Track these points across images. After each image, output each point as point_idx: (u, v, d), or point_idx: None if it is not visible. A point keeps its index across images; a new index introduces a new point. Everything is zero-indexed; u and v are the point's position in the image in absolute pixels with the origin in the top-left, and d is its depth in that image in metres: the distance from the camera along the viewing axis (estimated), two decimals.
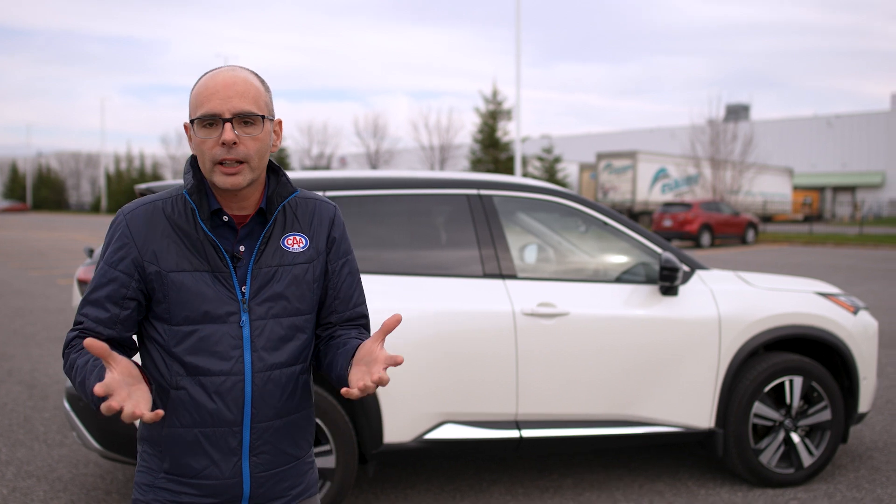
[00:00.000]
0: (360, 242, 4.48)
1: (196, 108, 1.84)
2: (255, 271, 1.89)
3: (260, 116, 1.85)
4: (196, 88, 1.87)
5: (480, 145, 49.79)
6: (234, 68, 1.89)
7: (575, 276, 4.99)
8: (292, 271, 1.93)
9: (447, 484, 4.90)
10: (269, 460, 1.94)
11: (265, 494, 1.94)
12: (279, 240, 1.94)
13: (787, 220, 51.69)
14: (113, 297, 1.86)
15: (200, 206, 1.87)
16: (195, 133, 1.85)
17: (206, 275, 1.87)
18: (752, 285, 4.93)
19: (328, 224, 2.02)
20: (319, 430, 4.15)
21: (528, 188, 4.80)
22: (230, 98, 1.82)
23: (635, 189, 39.72)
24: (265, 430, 1.91)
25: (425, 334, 4.24)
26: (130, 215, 1.90)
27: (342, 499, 4.20)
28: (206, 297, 1.86)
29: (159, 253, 1.86)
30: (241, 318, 1.87)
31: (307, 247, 1.97)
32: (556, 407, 4.46)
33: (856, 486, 4.86)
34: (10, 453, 5.49)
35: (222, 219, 1.90)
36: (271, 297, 1.90)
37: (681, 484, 4.90)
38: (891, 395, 7.05)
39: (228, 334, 1.86)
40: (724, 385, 4.67)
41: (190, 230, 1.88)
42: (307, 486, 2.05)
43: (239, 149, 1.82)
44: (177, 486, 1.90)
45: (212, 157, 1.82)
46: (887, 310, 12.14)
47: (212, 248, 1.88)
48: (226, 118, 1.81)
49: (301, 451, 2.02)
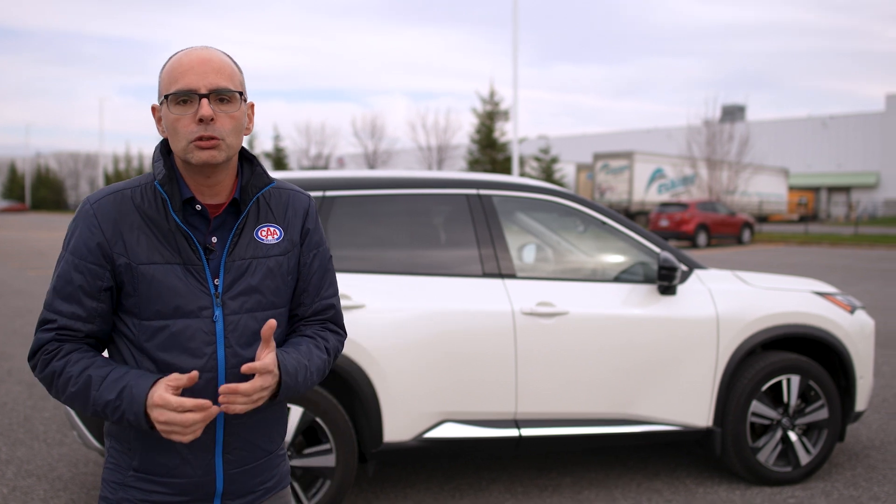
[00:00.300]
0: (360, 242, 4.48)
1: (169, 85, 1.77)
2: (228, 264, 1.82)
3: (237, 93, 1.80)
4: (168, 66, 1.80)
5: (478, 146, 49.75)
6: (206, 47, 1.83)
7: (574, 275, 4.99)
8: (266, 264, 1.87)
9: (447, 483, 4.90)
10: (243, 456, 1.88)
11: (237, 490, 1.89)
12: (253, 231, 1.87)
13: (783, 221, 51.75)
14: (88, 289, 1.78)
15: (172, 196, 1.79)
16: (169, 111, 1.77)
17: (178, 267, 1.79)
18: (749, 285, 4.93)
19: (302, 215, 1.96)
20: (319, 428, 4.14)
21: (527, 188, 4.80)
22: (207, 74, 1.76)
23: (632, 189, 39.71)
24: (239, 426, 1.86)
25: (425, 334, 4.24)
26: (98, 204, 1.81)
27: (342, 497, 4.20)
28: (177, 290, 1.78)
29: (129, 244, 1.78)
30: (213, 312, 1.80)
31: (281, 238, 1.91)
32: (555, 406, 4.45)
33: (853, 485, 4.86)
34: (11, 452, 5.48)
35: (195, 208, 1.82)
36: (245, 291, 1.84)
37: (679, 482, 4.90)
38: (887, 394, 7.05)
39: (201, 329, 1.79)
40: (722, 384, 4.67)
41: (161, 221, 1.80)
42: (279, 479, 2.00)
43: (216, 126, 1.75)
44: (147, 484, 1.83)
45: (187, 135, 1.75)
46: (883, 309, 12.15)
47: (184, 240, 1.80)
48: (202, 94, 1.75)
49: (274, 446, 1.96)
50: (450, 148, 57.59)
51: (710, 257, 23.65)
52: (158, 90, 1.82)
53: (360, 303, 4.19)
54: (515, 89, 31.01)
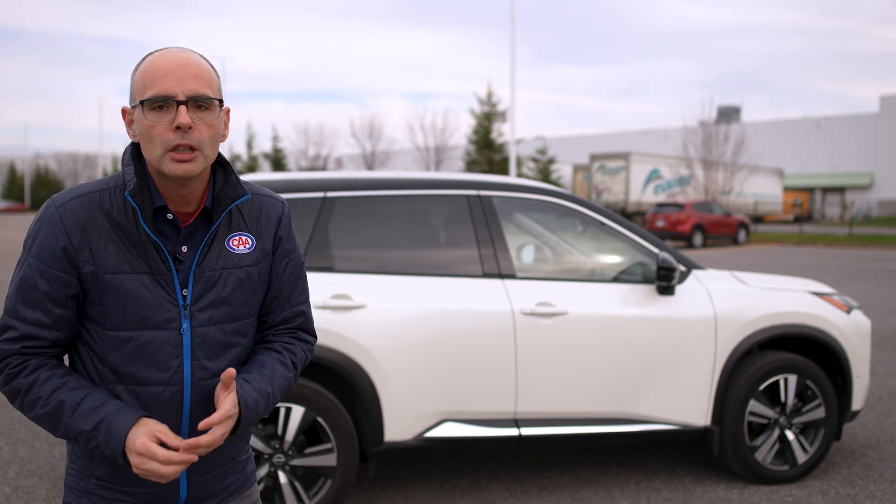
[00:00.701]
0: (361, 242, 4.48)
1: (145, 89, 1.67)
2: (197, 275, 1.75)
3: (216, 101, 1.72)
4: (143, 68, 1.71)
5: (475, 146, 49.73)
6: (183, 49, 1.74)
7: (573, 275, 4.99)
8: (237, 274, 1.80)
9: (447, 482, 4.90)
10: (207, 465, 1.83)
11: (201, 496, 1.85)
12: (224, 240, 1.80)
13: (778, 221, 51.78)
14: (54, 296, 1.69)
15: (143, 205, 1.70)
16: (144, 117, 1.67)
17: (146, 277, 1.71)
18: (747, 285, 4.94)
19: (276, 222, 1.89)
20: (321, 428, 4.14)
21: (526, 189, 4.80)
22: (185, 79, 1.67)
23: (628, 190, 39.75)
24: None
25: (425, 333, 4.24)
26: (64, 208, 1.71)
27: (343, 497, 4.20)
28: (144, 301, 1.71)
29: (96, 252, 1.70)
30: (181, 325, 1.74)
31: (253, 248, 1.84)
32: (554, 405, 4.46)
33: (849, 483, 4.87)
34: (13, 452, 5.47)
35: (166, 216, 1.74)
36: (214, 303, 1.77)
37: (677, 481, 4.90)
38: (882, 394, 7.06)
39: (168, 342, 1.73)
40: (720, 383, 4.68)
41: (130, 228, 1.72)
42: (244, 479, 1.96)
43: (193, 134, 1.67)
44: (110, 492, 1.78)
45: (163, 143, 1.66)
46: (877, 309, 12.17)
47: (153, 250, 1.72)
48: (180, 100, 1.66)
49: (238, 451, 1.92)
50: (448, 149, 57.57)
51: (705, 257, 23.67)
52: (131, 93, 1.73)
53: (361, 303, 4.19)
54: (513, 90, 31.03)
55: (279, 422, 4.10)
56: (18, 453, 5.44)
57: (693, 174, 40.95)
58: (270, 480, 4.09)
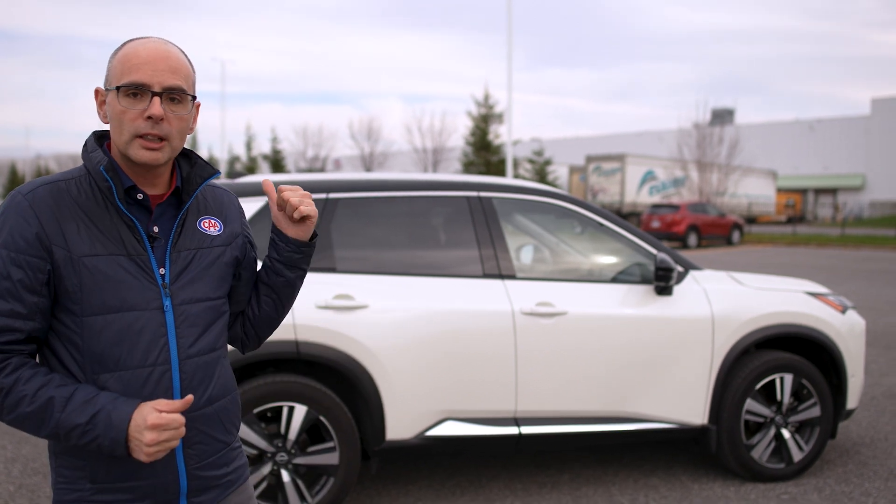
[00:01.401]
0: (363, 243, 4.48)
1: (122, 75, 1.68)
2: (173, 255, 1.76)
3: (190, 96, 1.74)
4: (122, 54, 1.71)
5: (473, 148, 49.72)
6: (163, 41, 1.75)
7: (572, 276, 4.98)
8: (211, 254, 1.84)
9: (448, 480, 4.90)
10: (203, 450, 1.82)
11: (201, 486, 1.82)
12: (195, 222, 1.83)
13: (771, 222, 51.83)
14: (28, 283, 1.64)
15: (116, 184, 1.69)
16: (118, 101, 1.68)
17: (123, 258, 1.69)
18: (744, 285, 4.94)
19: (237, 212, 1.97)
20: (323, 427, 4.14)
21: (525, 190, 4.80)
22: (162, 71, 1.68)
23: (624, 191, 39.77)
24: (197, 419, 1.79)
25: (427, 333, 4.24)
26: (32, 195, 1.68)
27: (345, 495, 4.20)
28: (123, 282, 1.69)
29: (69, 236, 1.66)
30: (163, 303, 1.72)
31: (222, 230, 1.88)
32: (554, 404, 4.46)
33: (844, 481, 4.88)
34: (16, 450, 5.46)
35: (136, 197, 1.74)
36: (192, 280, 1.78)
37: (675, 479, 4.91)
38: (875, 392, 7.07)
39: (151, 321, 1.71)
40: (717, 382, 4.68)
41: (101, 212, 1.71)
42: (239, 472, 1.95)
43: (164, 125, 1.68)
44: (108, 494, 1.73)
45: (133, 130, 1.67)
46: (869, 309, 12.19)
47: (127, 230, 1.71)
48: (155, 91, 1.67)
49: (230, 437, 1.91)
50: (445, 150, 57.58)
51: (700, 258, 23.69)
52: (107, 76, 1.73)
53: (363, 303, 4.18)
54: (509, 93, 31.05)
55: (282, 420, 4.10)
56: (22, 452, 5.43)
57: (687, 175, 40.99)
58: (273, 479, 4.09)
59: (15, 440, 5.67)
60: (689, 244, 29.66)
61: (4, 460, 5.25)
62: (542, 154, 48.26)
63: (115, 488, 1.74)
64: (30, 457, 5.32)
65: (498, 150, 48.53)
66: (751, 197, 45.45)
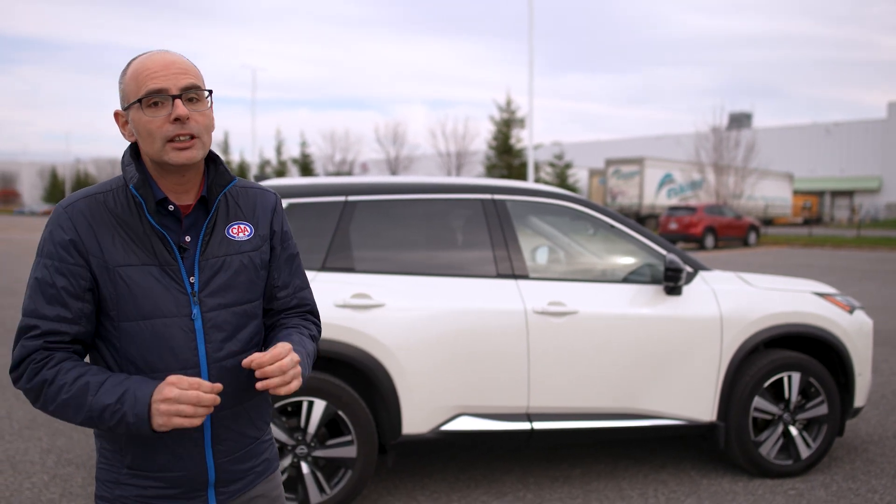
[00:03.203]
0: (380, 244, 4.51)
1: (138, 89, 1.72)
2: (202, 262, 1.79)
3: (206, 91, 1.78)
4: (132, 71, 1.74)
5: (495, 152, 49.75)
6: (164, 50, 1.79)
7: (584, 276, 4.98)
8: (239, 260, 1.84)
9: (462, 473, 4.92)
10: (232, 446, 1.86)
11: (228, 478, 1.87)
12: (224, 229, 1.84)
13: (788, 224, 51.36)
14: (72, 290, 1.71)
15: (147, 198, 1.74)
16: (143, 114, 1.72)
17: (155, 269, 1.75)
18: (752, 285, 4.92)
19: (270, 212, 1.94)
20: (342, 421, 4.17)
21: (538, 193, 4.81)
22: (175, 74, 1.72)
23: (642, 193, 39.57)
24: (226, 417, 1.83)
25: (442, 331, 4.26)
26: (71, 208, 1.75)
27: (363, 487, 4.23)
28: (155, 291, 1.74)
29: (104, 246, 1.73)
30: (192, 311, 1.77)
31: (252, 234, 1.88)
32: (565, 401, 4.46)
33: (851, 477, 4.84)
34: (51, 442, 5.55)
35: (168, 208, 1.78)
36: (221, 288, 1.81)
37: (684, 474, 4.89)
38: (885, 391, 7.00)
39: (180, 328, 1.75)
40: (725, 380, 4.66)
41: (135, 223, 1.76)
42: (268, 463, 1.98)
43: (190, 124, 1.72)
44: (141, 479, 1.80)
45: (163, 136, 1.71)
46: (882, 309, 12.06)
47: (159, 241, 1.76)
48: (174, 94, 1.71)
49: (260, 432, 1.94)
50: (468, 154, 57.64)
51: (716, 258, 23.53)
52: (124, 96, 1.77)
53: (380, 302, 4.21)
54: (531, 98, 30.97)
55: (302, 415, 4.13)
56: (57, 443, 5.51)
57: (705, 178, 40.68)
58: (294, 471, 4.13)
59: (50, 432, 5.75)
60: (706, 245, 29.46)
61: (40, 451, 5.33)
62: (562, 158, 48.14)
63: (148, 475, 1.79)
64: (64, 448, 5.40)
65: (519, 154, 48.52)
66: (767, 199, 45.04)
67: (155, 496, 1.81)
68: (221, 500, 1.87)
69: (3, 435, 5.70)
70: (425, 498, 4.52)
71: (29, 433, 5.74)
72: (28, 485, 4.71)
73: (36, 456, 5.24)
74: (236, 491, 1.90)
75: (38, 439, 5.60)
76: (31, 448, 5.40)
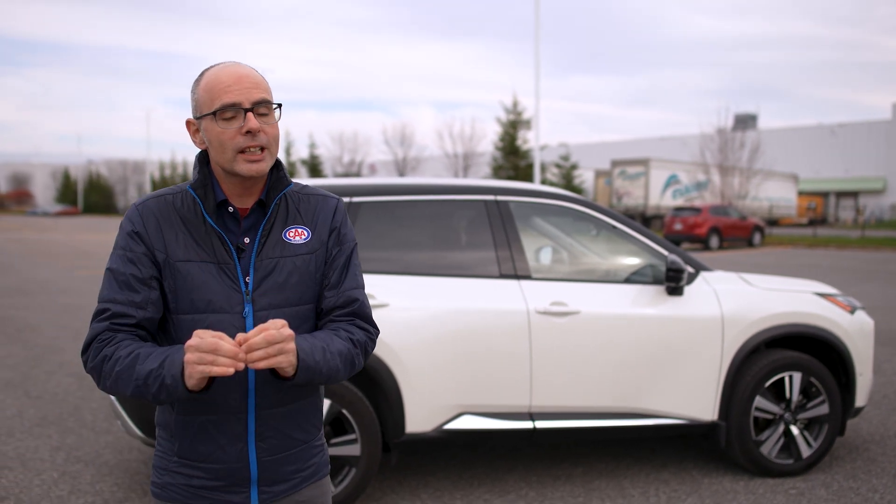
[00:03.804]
0: (384, 245, 4.51)
1: (213, 101, 1.79)
2: (257, 263, 1.84)
3: (276, 105, 1.85)
4: (205, 83, 1.82)
5: (502, 153, 49.75)
6: (235, 63, 1.86)
7: (586, 276, 4.98)
8: (294, 262, 1.88)
9: (465, 471, 4.92)
10: (276, 445, 1.88)
11: (272, 477, 1.89)
12: (281, 232, 1.89)
13: (793, 224, 51.22)
14: (140, 276, 1.81)
15: (206, 199, 1.84)
16: (216, 125, 1.79)
17: (212, 266, 1.82)
18: (753, 286, 4.91)
19: (331, 215, 1.97)
20: (346, 419, 4.18)
21: (539, 194, 4.81)
22: (248, 89, 1.79)
23: (648, 194, 39.55)
24: (270, 416, 1.86)
25: (445, 331, 4.27)
26: (143, 206, 1.86)
27: (366, 484, 4.24)
28: (211, 287, 1.81)
29: (168, 242, 1.82)
30: (244, 308, 1.82)
31: (309, 238, 1.91)
32: (567, 400, 4.46)
33: (852, 477, 4.82)
34: (61, 440, 5.57)
35: (228, 210, 1.86)
36: (273, 288, 1.85)
37: (686, 473, 4.88)
38: (888, 391, 6.98)
39: (232, 325, 1.80)
40: (726, 380, 4.66)
41: (197, 223, 1.85)
42: (316, 469, 1.98)
43: (261, 136, 1.79)
44: (188, 469, 1.87)
45: (235, 147, 1.78)
46: (886, 309, 12.01)
47: (218, 241, 1.84)
48: (246, 108, 1.78)
49: (308, 436, 1.95)
50: (475, 155, 57.61)
51: (721, 259, 23.48)
52: (197, 106, 1.84)
53: (384, 302, 4.22)
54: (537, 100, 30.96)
55: None
56: (66, 441, 5.54)
57: (710, 179, 40.62)
58: None
59: (60, 430, 5.78)
60: (710, 246, 29.40)
61: (50, 448, 5.36)
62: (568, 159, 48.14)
63: (194, 466, 1.86)
64: (73, 446, 5.42)
65: (526, 155, 48.49)
66: (772, 200, 44.96)
67: (200, 486, 1.86)
68: (264, 499, 1.89)
69: (13, 433, 5.73)
70: (428, 496, 4.53)
71: (39, 431, 5.77)
72: (38, 482, 4.74)
73: (46, 453, 5.26)
74: (280, 492, 1.91)
75: (49, 437, 5.62)
76: (42, 446, 5.43)
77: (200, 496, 1.87)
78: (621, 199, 40.45)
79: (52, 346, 9.12)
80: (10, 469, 4.95)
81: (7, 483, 4.71)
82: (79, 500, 4.47)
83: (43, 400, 6.65)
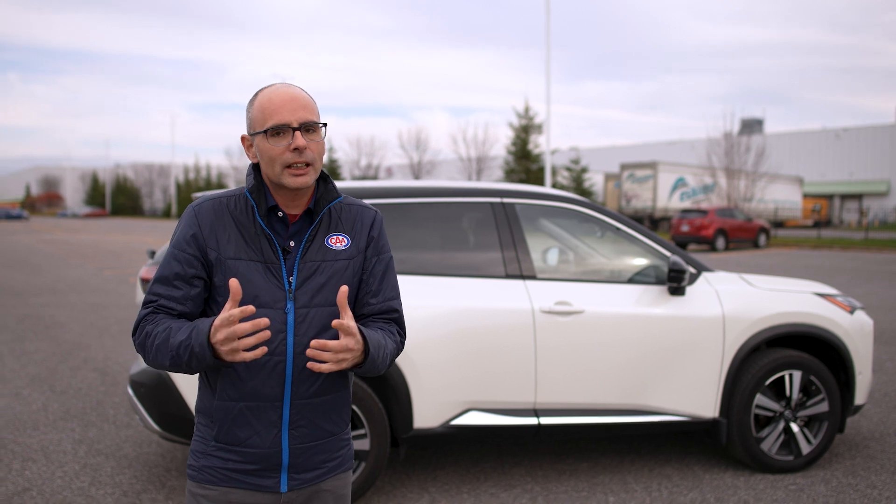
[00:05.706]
0: (397, 245, 4.50)
1: (265, 121, 1.90)
2: (301, 265, 1.93)
3: (322, 124, 1.95)
4: (259, 104, 1.93)
5: (514, 157, 49.67)
6: (287, 84, 1.96)
7: (590, 276, 4.96)
8: (334, 266, 1.97)
9: (472, 466, 4.90)
10: (307, 434, 1.96)
11: (302, 465, 1.97)
12: (324, 238, 1.98)
13: (798, 226, 50.86)
14: (182, 275, 1.92)
15: (259, 203, 1.94)
16: (266, 142, 1.90)
17: (259, 265, 1.92)
18: (754, 286, 4.87)
19: (369, 226, 2.06)
20: (355, 415, 4.17)
21: (544, 196, 4.79)
22: (297, 110, 1.89)
23: (656, 197, 39.37)
24: (303, 406, 1.94)
25: (452, 329, 4.25)
26: (199, 207, 1.98)
27: (375, 478, 4.23)
28: (257, 284, 1.90)
29: (220, 241, 1.93)
30: (286, 305, 1.91)
31: (349, 245, 2.00)
32: (571, 396, 4.44)
33: (851, 473, 4.77)
34: (83, 433, 5.59)
35: (277, 215, 1.96)
36: (314, 289, 1.93)
37: (688, 469, 4.85)
38: (888, 389, 6.90)
39: (275, 319, 1.89)
40: (727, 378, 4.62)
41: (248, 225, 1.95)
42: (341, 461, 2.06)
43: (307, 153, 1.89)
44: (225, 452, 1.95)
45: (283, 162, 1.89)
46: (889, 309, 11.89)
47: (266, 242, 1.93)
48: (295, 127, 1.89)
49: (337, 428, 2.03)
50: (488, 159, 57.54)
51: (727, 260, 23.33)
52: (250, 124, 1.96)
53: None
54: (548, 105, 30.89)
55: None
56: (88, 434, 5.56)
57: (716, 182, 40.39)
58: None
59: (83, 424, 5.80)
60: (717, 247, 29.24)
61: (72, 441, 5.38)
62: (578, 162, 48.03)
63: (230, 450, 1.95)
64: (95, 439, 5.44)
65: (537, 159, 48.42)
66: (777, 202, 44.64)
67: (234, 470, 1.95)
68: (293, 485, 1.97)
69: (38, 426, 5.76)
70: (436, 489, 4.51)
71: (62, 424, 5.80)
72: (60, 473, 4.76)
73: (68, 446, 5.29)
74: (308, 480, 1.99)
75: (72, 430, 5.65)
76: (65, 439, 5.45)
77: (234, 479, 1.95)
78: (630, 201, 40.29)
79: (78, 342, 9.17)
80: (34, 461, 4.97)
81: (31, 474, 4.73)
82: (99, 492, 4.48)
83: (67, 395, 6.69)
